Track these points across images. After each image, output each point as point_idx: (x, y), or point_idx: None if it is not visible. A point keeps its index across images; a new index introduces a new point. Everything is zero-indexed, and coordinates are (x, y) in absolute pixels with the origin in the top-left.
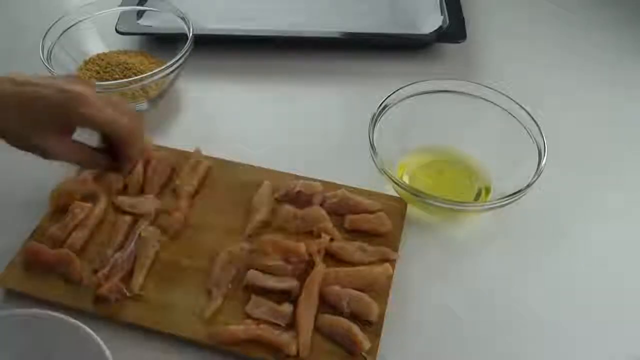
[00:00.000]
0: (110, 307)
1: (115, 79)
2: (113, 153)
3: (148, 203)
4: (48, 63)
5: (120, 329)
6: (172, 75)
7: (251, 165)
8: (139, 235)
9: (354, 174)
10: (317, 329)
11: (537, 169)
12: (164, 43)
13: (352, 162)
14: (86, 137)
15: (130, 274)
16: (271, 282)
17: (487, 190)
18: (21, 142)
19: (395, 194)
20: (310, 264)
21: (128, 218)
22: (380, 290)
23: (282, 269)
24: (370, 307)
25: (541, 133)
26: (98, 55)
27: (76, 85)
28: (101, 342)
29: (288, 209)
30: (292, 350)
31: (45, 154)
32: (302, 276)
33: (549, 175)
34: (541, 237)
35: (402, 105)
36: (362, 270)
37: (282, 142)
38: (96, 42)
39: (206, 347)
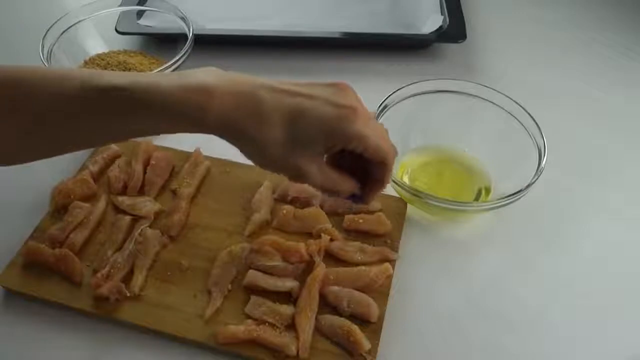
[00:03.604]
0: (110, 307)
1: None
2: (357, 178)
3: (148, 205)
4: (48, 63)
5: (120, 329)
6: None
7: (251, 165)
8: (139, 235)
9: None
10: (317, 329)
11: (537, 169)
12: (164, 43)
13: None
14: None
15: (130, 274)
16: (271, 282)
17: (487, 190)
18: (273, 162)
19: (395, 194)
20: (310, 264)
21: (128, 218)
22: (380, 291)
23: (282, 269)
24: (370, 308)
25: (541, 133)
26: (98, 55)
27: (347, 99)
28: None
29: (288, 209)
30: (292, 350)
31: (296, 177)
32: (302, 276)
33: (549, 175)
34: (541, 237)
35: (402, 105)
36: (362, 271)
37: None
38: (96, 42)
39: (206, 348)
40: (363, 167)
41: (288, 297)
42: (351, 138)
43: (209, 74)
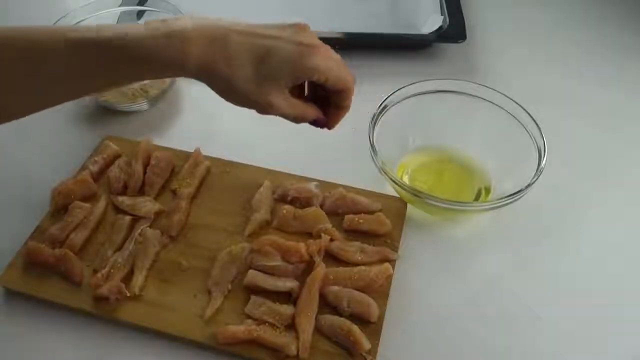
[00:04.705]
0: (110, 307)
1: None
2: (320, 105)
3: (148, 205)
4: None
5: (120, 329)
6: None
7: (251, 165)
8: (139, 235)
9: (354, 174)
10: (317, 329)
11: (537, 169)
12: None
13: (352, 162)
14: None
15: (130, 274)
16: (271, 282)
17: (487, 190)
18: (245, 97)
19: (395, 194)
20: (310, 264)
21: (128, 218)
22: (380, 291)
23: (282, 269)
24: (370, 308)
25: (541, 133)
26: None
27: (307, 37)
28: None
29: (288, 209)
30: (292, 350)
31: (266, 109)
32: (302, 276)
33: (549, 175)
34: (541, 237)
35: (402, 105)
36: (362, 271)
37: (282, 142)
38: None
39: (206, 348)
40: (324, 96)
41: (288, 297)
42: (313, 71)
43: (185, 20)
